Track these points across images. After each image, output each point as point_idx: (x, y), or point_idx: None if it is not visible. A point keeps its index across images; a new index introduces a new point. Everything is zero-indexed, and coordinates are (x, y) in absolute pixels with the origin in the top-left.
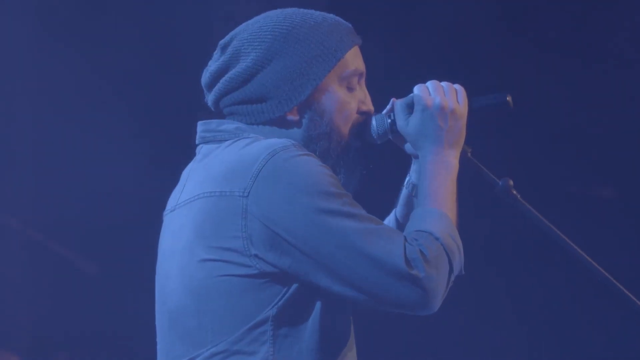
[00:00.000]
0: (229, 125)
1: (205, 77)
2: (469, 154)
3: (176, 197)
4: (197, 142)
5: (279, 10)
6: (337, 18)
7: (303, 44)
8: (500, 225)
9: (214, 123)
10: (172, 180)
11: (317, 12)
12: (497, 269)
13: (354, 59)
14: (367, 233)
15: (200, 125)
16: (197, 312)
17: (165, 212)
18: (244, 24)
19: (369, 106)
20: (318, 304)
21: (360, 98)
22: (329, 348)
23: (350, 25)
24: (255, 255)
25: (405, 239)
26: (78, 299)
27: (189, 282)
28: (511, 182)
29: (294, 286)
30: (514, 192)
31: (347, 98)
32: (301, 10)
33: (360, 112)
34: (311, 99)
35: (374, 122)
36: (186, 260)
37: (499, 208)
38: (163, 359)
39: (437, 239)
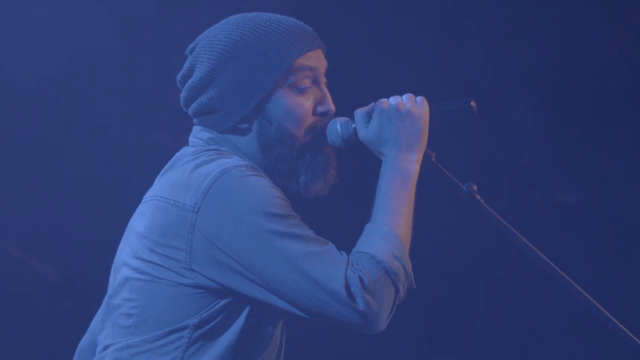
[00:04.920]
0: (205, 134)
1: (177, 80)
2: (433, 159)
3: (149, 191)
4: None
5: (239, 15)
6: (295, 22)
7: (249, 55)
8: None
9: (196, 129)
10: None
11: (275, 17)
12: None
13: (306, 64)
14: (311, 255)
15: (193, 129)
16: (129, 303)
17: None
18: (209, 29)
19: (326, 106)
20: (241, 322)
21: (317, 99)
22: None
23: (309, 29)
24: (194, 270)
25: (348, 262)
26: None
27: (130, 274)
28: (475, 187)
29: (225, 301)
30: (478, 196)
31: (298, 102)
32: (259, 15)
33: (319, 113)
34: (259, 108)
35: (338, 126)
36: (132, 254)
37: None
38: (95, 340)
39: (379, 262)
